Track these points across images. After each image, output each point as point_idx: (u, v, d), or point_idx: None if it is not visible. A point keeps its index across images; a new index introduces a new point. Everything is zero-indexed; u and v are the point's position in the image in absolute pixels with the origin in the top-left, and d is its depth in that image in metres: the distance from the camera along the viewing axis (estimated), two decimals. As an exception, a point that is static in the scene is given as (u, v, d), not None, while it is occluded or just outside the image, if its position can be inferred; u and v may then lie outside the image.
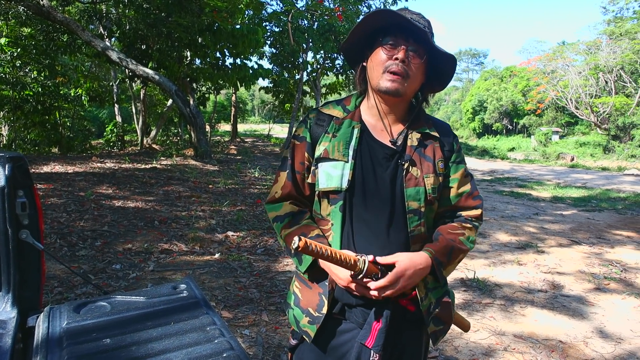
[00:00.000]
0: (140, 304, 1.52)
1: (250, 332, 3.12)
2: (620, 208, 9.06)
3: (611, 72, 27.05)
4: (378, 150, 1.37)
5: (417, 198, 1.34)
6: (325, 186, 1.34)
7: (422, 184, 1.35)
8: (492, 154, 28.31)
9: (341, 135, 1.37)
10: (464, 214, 1.47)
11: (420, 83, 1.37)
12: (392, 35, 1.30)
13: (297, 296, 1.44)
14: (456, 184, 1.45)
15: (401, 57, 1.27)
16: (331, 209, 1.35)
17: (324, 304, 1.35)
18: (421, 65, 1.32)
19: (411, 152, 1.37)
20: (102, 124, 23.59)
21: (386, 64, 1.29)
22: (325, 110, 1.44)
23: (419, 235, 1.36)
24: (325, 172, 1.35)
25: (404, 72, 1.29)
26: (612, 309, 3.95)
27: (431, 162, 1.38)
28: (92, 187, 7.26)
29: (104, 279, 3.84)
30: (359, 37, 1.36)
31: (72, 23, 10.84)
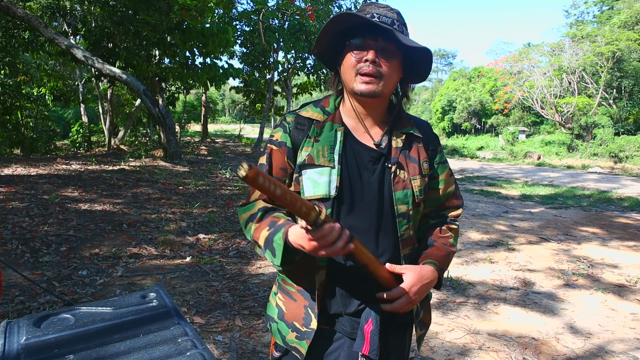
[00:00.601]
0: (106, 315, 1.43)
1: (224, 337, 3.04)
2: (585, 205, 9.32)
3: (574, 73, 27.89)
4: (363, 154, 1.31)
5: (405, 201, 1.30)
6: (312, 194, 1.27)
7: (409, 186, 1.31)
8: (461, 153, 28.78)
9: (324, 139, 1.30)
10: (448, 214, 1.46)
11: (398, 80, 1.32)
12: (360, 36, 1.24)
13: (280, 309, 1.37)
14: (443, 184, 1.43)
15: (371, 59, 1.22)
16: None
17: (311, 318, 1.28)
18: (394, 63, 1.26)
19: (397, 154, 1.32)
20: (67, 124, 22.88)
21: (357, 67, 1.24)
22: (303, 113, 1.36)
23: (409, 239, 1.33)
24: (311, 179, 1.28)
25: (377, 73, 1.23)
26: (581, 304, 4.04)
27: (417, 163, 1.35)
28: (57, 189, 7.00)
29: (70, 286, 3.68)
30: (327, 42, 1.30)
31: (34, 19, 10.45)
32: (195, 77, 13.37)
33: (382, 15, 1.22)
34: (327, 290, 1.30)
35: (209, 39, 11.74)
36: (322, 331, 1.31)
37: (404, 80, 1.35)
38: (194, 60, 13.64)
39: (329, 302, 1.30)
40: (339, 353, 1.29)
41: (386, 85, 1.26)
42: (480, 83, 41.29)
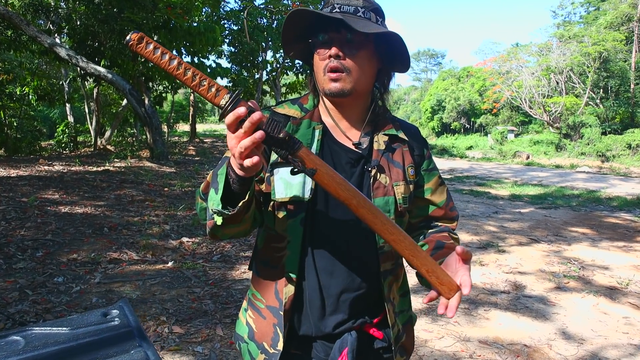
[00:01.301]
0: (61, 337, 1.30)
1: (204, 348, 2.90)
2: (574, 205, 9.30)
3: (561, 73, 28.09)
4: (341, 155, 1.18)
5: (386, 209, 1.16)
6: (283, 196, 1.13)
7: (391, 193, 1.17)
8: (451, 153, 28.83)
9: (300, 136, 1.17)
10: (447, 226, 1.31)
11: (372, 72, 1.18)
12: (323, 32, 1.12)
13: (251, 328, 1.24)
14: (431, 194, 1.30)
15: (334, 53, 1.09)
16: (289, 222, 1.14)
17: (279, 338, 1.16)
18: (363, 54, 1.12)
19: (378, 156, 1.19)
20: (53, 124, 22.52)
21: (323, 65, 1.12)
22: (279, 109, 1.23)
23: (390, 252, 1.19)
24: (283, 179, 1.13)
25: (342, 68, 1.10)
26: (572, 308, 3.96)
27: (400, 168, 1.21)
28: (37, 192, 6.80)
29: (44, 294, 3.52)
30: (293, 43, 1.19)
31: (15, 17, 10.21)
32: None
33: (343, 5, 1.11)
34: (296, 307, 1.17)
35: (196, 37, 11.58)
36: (294, 356, 1.19)
37: (383, 70, 1.22)
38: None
39: (299, 321, 1.17)
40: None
41: (357, 80, 1.12)
42: (469, 83, 41.50)
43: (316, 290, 1.16)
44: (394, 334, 1.22)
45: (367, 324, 1.20)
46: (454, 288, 1.00)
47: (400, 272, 1.29)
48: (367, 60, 1.14)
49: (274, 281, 1.18)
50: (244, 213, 0.99)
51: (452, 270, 1.04)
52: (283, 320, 1.15)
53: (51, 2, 12.77)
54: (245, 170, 0.90)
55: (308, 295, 1.16)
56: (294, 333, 1.18)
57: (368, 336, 1.20)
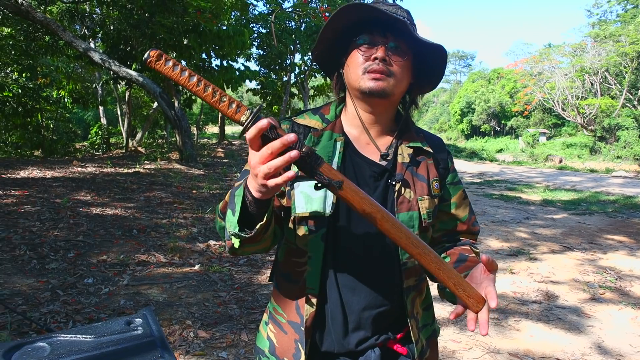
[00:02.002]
0: (85, 346, 1.30)
1: (228, 354, 2.90)
2: (610, 211, 8.98)
3: (596, 74, 27.27)
4: (364, 168, 1.16)
5: (410, 225, 1.13)
6: (303, 210, 1.10)
7: (416, 208, 1.14)
8: (480, 156, 28.34)
9: (321, 149, 1.14)
10: (468, 240, 1.29)
11: (407, 83, 1.15)
12: (368, 33, 1.10)
13: (272, 342, 1.22)
14: (456, 208, 1.27)
15: (381, 56, 1.07)
16: (310, 238, 1.11)
17: (300, 354, 1.14)
18: (406, 63, 1.11)
19: (403, 170, 1.16)
20: (87, 126, 23.20)
21: (365, 65, 1.09)
22: (300, 120, 1.20)
23: (413, 268, 1.16)
24: (304, 194, 1.11)
25: (387, 71, 1.08)
26: (609, 321, 3.80)
27: (425, 182, 1.18)
28: (70, 193, 6.98)
29: (74, 295, 3.59)
30: (330, 39, 1.15)
31: (53, 23, 10.53)
32: (211, 80, 13.33)
33: (392, 12, 1.07)
34: (318, 324, 1.14)
35: (225, 41, 11.70)
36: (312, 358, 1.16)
37: (413, 86, 1.19)
38: (210, 62, 13.63)
39: (321, 337, 1.15)
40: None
41: (396, 85, 1.10)
42: (499, 85, 40.74)
43: (338, 306, 1.13)
44: (418, 350, 1.18)
45: (390, 340, 1.17)
46: (481, 301, 0.97)
47: (423, 286, 1.26)
48: (406, 70, 1.13)
49: (295, 296, 1.16)
50: (263, 234, 0.97)
51: (476, 282, 1.03)
52: (305, 337, 1.12)
53: (86, 9, 13.14)
54: (265, 193, 0.87)
55: (330, 312, 1.14)
56: (316, 349, 1.16)
57: (392, 352, 1.17)
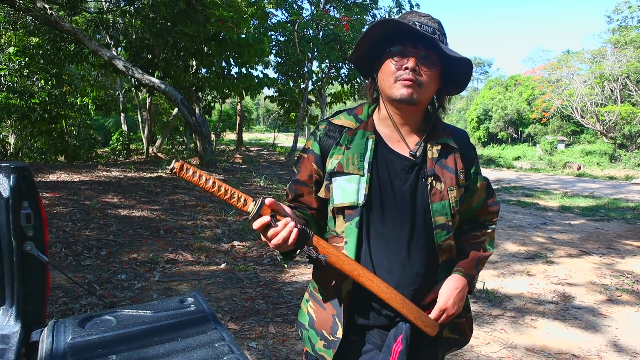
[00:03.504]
0: (146, 318, 1.48)
1: (257, 344, 3.07)
2: (629, 217, 8.94)
3: (616, 80, 26.98)
4: (396, 162, 1.30)
5: (444, 212, 1.28)
6: (340, 201, 1.27)
7: (447, 197, 1.29)
8: (497, 163, 28.17)
9: (355, 146, 1.30)
10: (482, 219, 1.47)
11: (435, 89, 1.30)
12: (400, 44, 1.23)
13: (311, 317, 1.38)
14: (477, 195, 1.43)
15: (411, 66, 1.20)
16: (346, 225, 1.27)
17: (338, 327, 1.28)
18: (434, 72, 1.25)
19: (432, 164, 1.30)
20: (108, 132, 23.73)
21: (396, 74, 1.23)
22: (336, 120, 1.36)
23: (448, 248, 1.33)
24: (340, 187, 1.27)
25: (416, 80, 1.22)
26: (625, 321, 3.87)
27: (453, 173, 1.32)
28: (98, 195, 7.25)
29: (109, 289, 3.80)
30: (366, 48, 1.29)
31: (79, 33, 10.92)
32: (231, 87, 13.61)
33: (423, 24, 1.21)
34: (354, 300, 1.29)
35: (244, 49, 11.95)
36: (352, 342, 1.31)
37: (441, 90, 1.34)
38: (229, 70, 13.91)
39: (358, 312, 1.30)
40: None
41: (424, 93, 1.24)
42: (517, 91, 40.48)
43: None
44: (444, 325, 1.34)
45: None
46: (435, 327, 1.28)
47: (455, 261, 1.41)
48: (435, 78, 1.26)
49: (333, 276, 1.30)
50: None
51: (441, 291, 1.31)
52: (342, 312, 1.28)
53: (110, 18, 13.55)
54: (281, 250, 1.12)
55: (366, 290, 1.26)
56: (352, 322, 1.31)
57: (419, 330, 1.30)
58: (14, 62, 11.92)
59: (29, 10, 10.34)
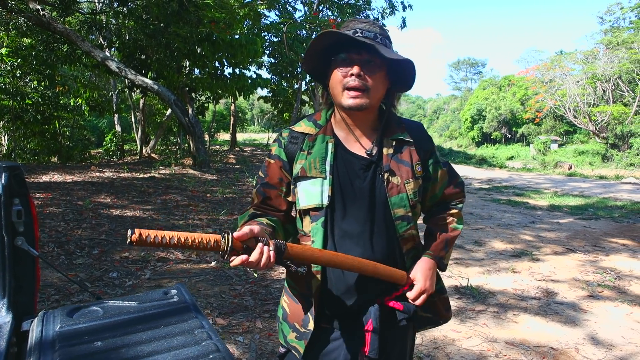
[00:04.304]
0: (131, 309, 1.56)
1: (244, 338, 3.15)
2: (617, 216, 9.09)
3: (609, 81, 27.24)
4: (354, 163, 1.38)
5: (402, 205, 1.36)
6: (305, 204, 1.36)
7: (404, 190, 1.37)
8: (490, 163, 28.37)
9: (316, 151, 1.38)
10: (448, 200, 1.56)
11: (384, 90, 1.37)
12: (345, 52, 1.29)
13: (285, 311, 1.48)
14: (438, 182, 1.51)
15: (356, 73, 1.27)
16: (312, 225, 1.36)
17: (309, 320, 1.37)
18: (379, 75, 1.31)
19: (388, 160, 1.38)
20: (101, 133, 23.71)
21: (344, 82, 1.30)
22: (297, 128, 1.44)
23: (411, 237, 1.41)
24: (305, 190, 1.36)
25: (363, 86, 1.29)
26: (605, 316, 3.98)
27: (409, 166, 1.39)
28: (91, 196, 7.30)
29: (101, 287, 3.88)
30: (314, 60, 1.36)
31: (72, 33, 10.95)
32: (224, 87, 13.67)
33: (364, 30, 1.28)
34: (324, 293, 1.38)
35: (237, 49, 12.02)
36: (324, 330, 1.39)
37: (391, 89, 1.40)
38: (223, 70, 13.96)
39: (328, 303, 1.38)
40: (339, 352, 1.37)
41: (373, 97, 1.31)
42: (510, 92, 40.75)
43: (341, 278, 1.37)
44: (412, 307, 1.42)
45: (386, 297, 1.40)
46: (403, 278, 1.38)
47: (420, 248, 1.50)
48: (381, 80, 1.33)
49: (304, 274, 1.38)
50: None
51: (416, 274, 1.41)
52: (313, 305, 1.37)
53: (103, 19, 13.58)
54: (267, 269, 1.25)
55: (334, 283, 1.38)
56: (324, 313, 1.40)
57: (389, 309, 1.40)
58: (7, 63, 11.94)
59: (21, 12, 10.38)
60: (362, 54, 1.28)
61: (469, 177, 18.22)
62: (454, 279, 4.77)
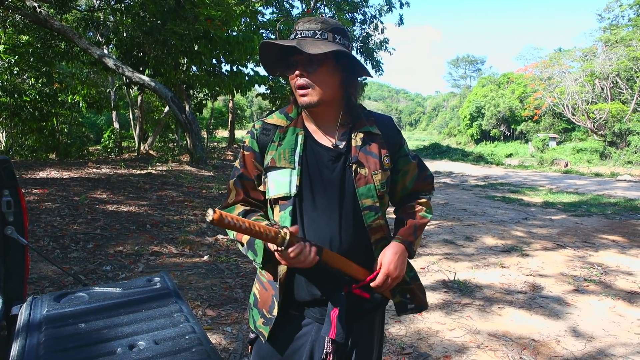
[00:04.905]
0: (115, 294, 1.64)
1: (232, 329, 3.24)
2: (609, 213, 9.17)
3: (607, 78, 27.25)
4: (323, 154, 1.43)
5: (369, 195, 1.40)
6: (275, 193, 1.40)
7: (371, 181, 1.41)
8: (487, 160, 28.44)
9: (286, 143, 1.43)
10: (418, 192, 1.60)
11: (336, 82, 1.40)
12: (290, 55, 1.36)
13: (256, 297, 1.51)
14: (409, 174, 1.56)
15: (298, 74, 1.34)
16: (281, 214, 1.40)
17: (274, 306, 1.41)
18: (323, 69, 1.35)
19: (357, 152, 1.42)
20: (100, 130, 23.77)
21: (293, 83, 1.38)
22: (269, 120, 1.50)
23: (379, 227, 1.45)
24: (274, 180, 1.41)
25: (307, 85, 1.35)
26: (588, 309, 4.07)
27: (377, 158, 1.44)
28: (87, 192, 7.38)
29: (94, 279, 3.96)
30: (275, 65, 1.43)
31: (69, 31, 11.01)
32: (221, 84, 13.71)
33: (304, 30, 1.35)
34: (291, 279, 1.42)
35: (234, 47, 12.06)
36: (292, 317, 1.44)
37: (348, 79, 1.43)
38: (220, 67, 13.99)
39: (296, 290, 1.43)
40: (307, 338, 1.42)
41: (320, 92, 1.36)
42: (509, 89, 40.76)
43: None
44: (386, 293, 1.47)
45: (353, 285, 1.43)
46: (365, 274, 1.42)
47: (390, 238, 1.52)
48: (329, 74, 1.37)
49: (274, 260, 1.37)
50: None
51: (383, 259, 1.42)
52: (278, 292, 1.40)
53: (100, 16, 13.63)
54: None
55: (300, 270, 1.40)
56: (292, 299, 1.44)
57: (356, 296, 1.42)
58: (4, 60, 12.01)
59: (18, 9, 10.43)
60: (303, 54, 1.32)
61: (465, 174, 18.31)
62: (442, 273, 4.86)
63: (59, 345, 1.27)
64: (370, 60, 19.70)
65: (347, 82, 1.43)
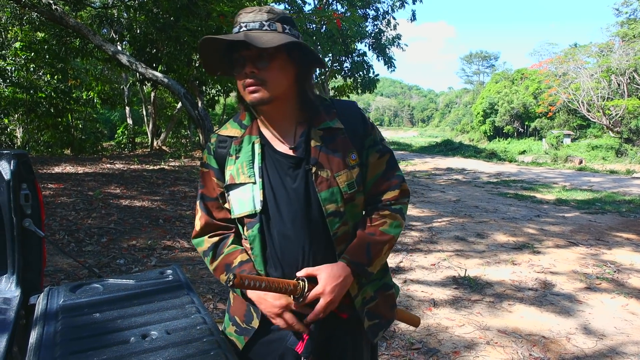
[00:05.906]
0: (129, 286, 1.69)
1: (244, 322, 3.29)
2: (624, 211, 9.06)
3: (624, 74, 26.84)
4: (282, 162, 1.29)
5: (333, 200, 1.26)
6: (239, 212, 1.29)
7: (334, 183, 1.26)
8: (500, 157, 28.21)
9: (243, 155, 1.31)
10: (383, 199, 1.36)
11: (289, 77, 1.26)
12: (235, 52, 1.22)
13: (230, 302, 1.45)
14: (371, 169, 1.35)
15: (248, 71, 1.21)
16: (249, 233, 1.29)
17: (252, 317, 1.33)
18: (275, 64, 1.21)
19: (316, 153, 1.28)
20: (113, 126, 24.08)
21: (241, 82, 1.24)
22: (223, 132, 1.37)
23: (344, 235, 1.30)
24: (237, 199, 1.29)
25: (258, 81, 1.21)
26: (600, 307, 4.04)
27: (340, 157, 1.29)
28: (101, 186, 7.50)
29: (108, 273, 4.03)
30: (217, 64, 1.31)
31: (84, 28, 11.13)
32: (232, 80, 13.78)
33: (248, 23, 1.21)
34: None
35: (247, 43, 12.09)
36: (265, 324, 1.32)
37: (302, 72, 1.29)
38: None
39: None
40: (278, 344, 1.32)
41: (274, 88, 1.23)
42: (523, 85, 40.37)
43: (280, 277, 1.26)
44: (358, 303, 1.32)
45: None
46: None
47: None
48: (281, 68, 1.23)
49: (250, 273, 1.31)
50: None
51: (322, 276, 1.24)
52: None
53: (114, 13, 13.77)
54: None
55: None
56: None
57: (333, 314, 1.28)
58: (20, 57, 12.19)
59: (34, 6, 10.57)
60: (251, 49, 1.19)
61: (477, 171, 18.19)
62: (452, 269, 4.86)
63: (75, 334, 1.32)
64: (383, 56, 19.63)
65: (302, 76, 1.29)
